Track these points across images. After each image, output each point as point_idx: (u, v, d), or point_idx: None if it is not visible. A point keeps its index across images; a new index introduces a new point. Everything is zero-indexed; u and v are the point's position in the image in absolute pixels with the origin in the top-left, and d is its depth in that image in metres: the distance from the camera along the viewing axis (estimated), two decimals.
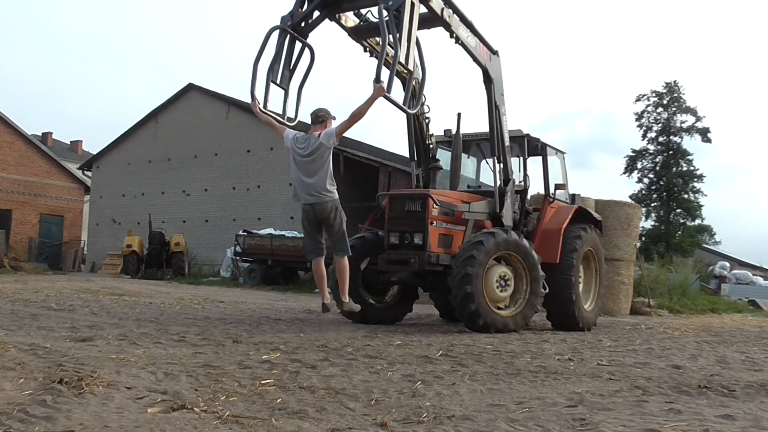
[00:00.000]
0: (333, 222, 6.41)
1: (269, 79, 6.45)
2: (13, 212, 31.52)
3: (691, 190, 40.67)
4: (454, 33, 7.12)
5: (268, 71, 6.44)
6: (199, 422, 2.68)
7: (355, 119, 6.09)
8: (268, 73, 6.44)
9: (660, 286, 15.42)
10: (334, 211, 6.40)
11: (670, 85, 41.24)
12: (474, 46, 7.49)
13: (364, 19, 7.09)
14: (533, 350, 5.67)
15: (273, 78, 6.48)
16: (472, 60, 7.64)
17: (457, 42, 7.24)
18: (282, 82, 6.59)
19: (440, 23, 7.01)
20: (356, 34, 7.16)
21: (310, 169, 6.35)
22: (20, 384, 3.24)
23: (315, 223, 6.48)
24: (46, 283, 15.50)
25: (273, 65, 6.49)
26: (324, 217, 6.40)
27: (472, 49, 7.46)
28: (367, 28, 7.08)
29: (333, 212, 6.39)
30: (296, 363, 4.35)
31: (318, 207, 6.37)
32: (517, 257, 7.40)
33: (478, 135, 8.90)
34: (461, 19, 7.20)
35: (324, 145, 6.29)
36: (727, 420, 3.05)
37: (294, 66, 6.71)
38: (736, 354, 6.01)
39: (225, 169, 25.70)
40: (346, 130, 6.35)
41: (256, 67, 6.34)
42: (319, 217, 6.41)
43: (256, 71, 6.34)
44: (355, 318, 7.84)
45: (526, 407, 3.21)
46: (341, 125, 6.28)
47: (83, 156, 40.77)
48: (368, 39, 7.24)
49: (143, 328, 6.13)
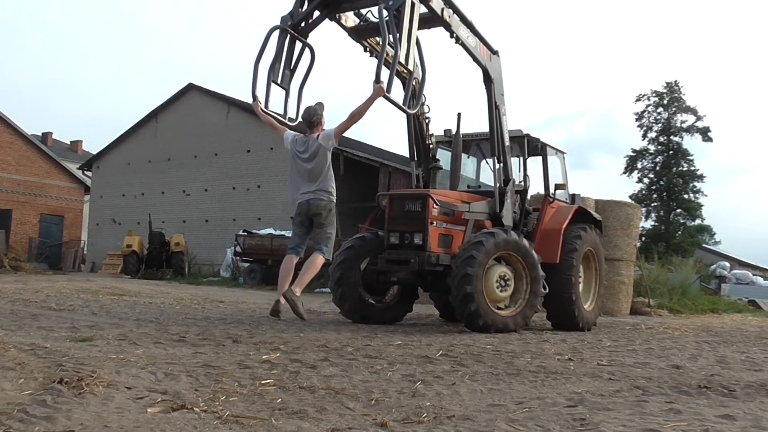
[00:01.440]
0: (324, 221, 6.37)
1: (270, 79, 6.45)
2: (13, 212, 31.54)
3: (692, 190, 40.70)
4: (455, 33, 7.12)
5: (269, 71, 6.45)
6: (199, 422, 2.68)
7: (355, 119, 6.09)
8: (268, 72, 6.44)
9: (660, 286, 15.42)
10: (327, 210, 6.37)
11: (671, 84, 41.29)
12: (474, 46, 7.49)
13: (364, 19, 7.09)
14: (533, 350, 5.67)
15: (274, 78, 6.48)
16: (472, 60, 7.64)
17: (458, 42, 7.24)
18: (283, 82, 6.59)
19: (440, 23, 7.00)
20: (356, 34, 7.17)
21: (312, 172, 6.35)
22: (20, 384, 3.24)
23: (307, 219, 6.43)
24: (46, 283, 15.50)
25: (274, 65, 6.49)
26: (316, 213, 6.35)
27: (472, 49, 7.45)
28: (367, 28, 7.08)
29: (326, 212, 6.37)
30: (296, 363, 4.34)
31: (313, 203, 6.34)
32: (517, 257, 7.39)
33: (478, 135, 8.90)
34: (461, 19, 7.20)
35: (323, 147, 6.29)
36: (727, 420, 3.05)
37: (294, 66, 6.72)
38: (736, 354, 6.01)
39: (225, 169, 25.71)
40: (345, 131, 6.35)
41: (257, 67, 6.34)
42: (312, 212, 6.36)
43: (257, 71, 6.34)
44: (355, 318, 7.86)
45: (526, 407, 3.21)
46: (340, 126, 6.28)
47: (83, 156, 40.81)
48: (368, 39, 7.24)
49: (143, 328, 6.13)
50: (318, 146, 6.29)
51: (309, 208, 6.37)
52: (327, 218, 6.38)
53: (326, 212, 6.37)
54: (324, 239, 6.38)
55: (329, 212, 6.40)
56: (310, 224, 6.45)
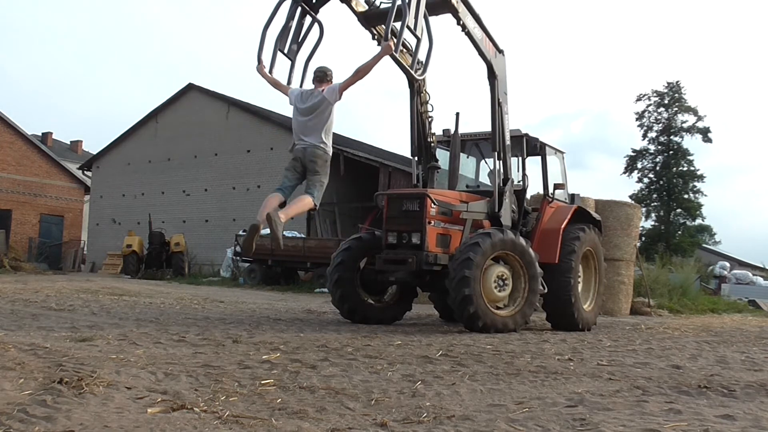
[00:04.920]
0: (318, 168, 6.31)
1: (277, 47, 6.43)
2: (13, 212, 31.53)
3: (692, 190, 40.69)
4: (461, 20, 7.24)
5: (277, 40, 6.42)
6: (199, 422, 2.68)
7: (360, 76, 6.10)
8: (276, 41, 6.41)
9: (660, 286, 15.41)
10: (322, 160, 6.33)
11: (672, 84, 41.29)
12: (480, 38, 7.59)
13: (373, 5, 7.15)
14: (533, 350, 5.67)
15: (281, 47, 6.46)
16: (477, 53, 7.70)
17: (464, 30, 7.34)
18: (289, 53, 6.58)
19: (448, 9, 7.12)
20: (366, 20, 7.21)
21: (310, 123, 6.35)
22: (20, 384, 3.24)
23: (300, 165, 6.39)
24: (46, 283, 15.50)
25: (282, 34, 6.48)
26: (310, 161, 6.30)
27: (478, 41, 7.54)
28: (377, 14, 7.13)
29: (321, 161, 6.32)
30: (296, 363, 4.35)
31: (309, 151, 6.30)
32: (514, 256, 7.38)
33: (477, 135, 8.91)
34: (469, 10, 7.34)
35: (326, 100, 6.30)
36: (727, 420, 3.05)
37: (302, 40, 6.72)
38: (736, 354, 6.01)
39: (225, 169, 25.70)
40: (350, 86, 6.30)
41: (265, 33, 6.32)
42: (308, 159, 6.31)
43: (265, 37, 6.32)
44: (355, 318, 7.87)
45: (526, 407, 3.21)
46: (345, 81, 6.28)
47: (83, 156, 40.77)
48: (376, 27, 7.26)
49: (143, 328, 6.13)
50: (321, 99, 6.30)
51: (305, 155, 6.33)
52: (322, 167, 6.34)
53: (321, 161, 6.34)
54: (316, 185, 6.34)
55: (324, 162, 6.37)
56: (303, 171, 6.40)
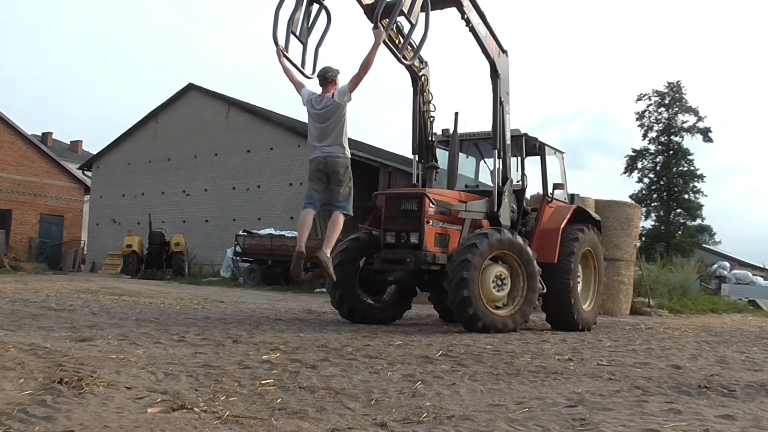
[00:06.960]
0: (342, 178, 6.49)
1: (290, 27, 6.46)
2: (13, 212, 31.54)
3: (692, 190, 40.71)
4: (466, 14, 7.30)
5: (289, 20, 6.45)
6: (199, 422, 2.68)
7: (365, 69, 6.21)
8: (288, 21, 6.44)
9: (660, 286, 15.43)
10: (344, 168, 6.50)
11: (672, 84, 41.29)
12: (484, 35, 7.65)
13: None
14: (533, 350, 5.67)
15: (293, 28, 6.50)
16: (481, 51, 7.74)
17: (468, 26, 7.39)
18: (301, 35, 6.62)
19: (453, 2, 7.17)
20: (372, 12, 7.21)
21: (326, 128, 6.45)
22: (20, 384, 3.23)
23: (324, 176, 6.54)
24: (46, 283, 15.50)
25: (293, 15, 6.51)
26: (333, 171, 6.47)
27: (482, 37, 7.60)
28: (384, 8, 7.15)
29: (343, 169, 6.49)
30: (296, 363, 4.34)
31: (330, 160, 6.46)
32: (512, 255, 7.37)
33: (476, 134, 8.90)
34: (473, 5, 7.40)
35: (338, 103, 6.39)
36: (727, 420, 3.05)
37: (312, 24, 6.75)
38: (736, 354, 6.01)
39: (225, 169, 25.70)
40: (359, 83, 6.36)
41: (278, 14, 6.34)
42: (330, 170, 6.48)
43: (278, 17, 6.34)
44: (355, 319, 7.86)
45: (526, 407, 3.21)
46: (353, 78, 6.34)
47: (83, 156, 40.78)
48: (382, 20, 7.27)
49: (143, 328, 6.13)
50: (333, 103, 6.40)
51: (326, 165, 6.48)
52: (345, 175, 6.51)
53: (343, 169, 6.50)
54: (345, 197, 6.53)
55: (346, 169, 6.52)
56: (327, 180, 6.56)
